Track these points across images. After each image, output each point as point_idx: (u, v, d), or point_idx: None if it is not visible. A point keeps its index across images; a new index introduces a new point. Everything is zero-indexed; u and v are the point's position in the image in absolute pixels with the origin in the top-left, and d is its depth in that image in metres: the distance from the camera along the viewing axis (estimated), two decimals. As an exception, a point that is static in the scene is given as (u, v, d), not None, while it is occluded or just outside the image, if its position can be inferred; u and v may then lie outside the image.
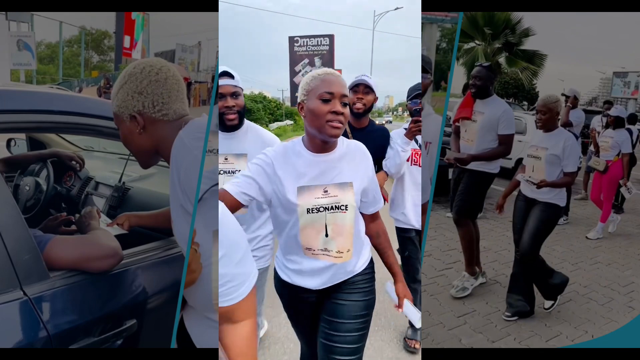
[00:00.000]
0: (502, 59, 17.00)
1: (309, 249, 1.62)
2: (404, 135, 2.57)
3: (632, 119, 6.95)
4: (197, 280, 1.28)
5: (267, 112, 23.57)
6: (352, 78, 2.58)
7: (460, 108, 3.44)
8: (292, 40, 16.12)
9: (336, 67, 16.22)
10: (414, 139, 2.63)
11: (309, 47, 16.07)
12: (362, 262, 1.74)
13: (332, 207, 1.58)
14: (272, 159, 1.58)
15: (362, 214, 1.76)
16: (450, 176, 4.07)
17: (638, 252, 4.72)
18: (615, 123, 5.27)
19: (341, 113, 1.49)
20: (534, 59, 16.83)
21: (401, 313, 1.83)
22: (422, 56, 3.06)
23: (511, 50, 16.54)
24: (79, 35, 31.22)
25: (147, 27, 24.13)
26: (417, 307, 1.82)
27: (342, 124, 1.50)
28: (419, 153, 2.77)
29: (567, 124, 5.51)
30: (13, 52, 17.85)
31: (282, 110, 24.67)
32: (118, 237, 1.59)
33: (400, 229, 2.91)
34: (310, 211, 1.57)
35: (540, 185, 2.97)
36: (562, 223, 5.40)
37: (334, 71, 1.56)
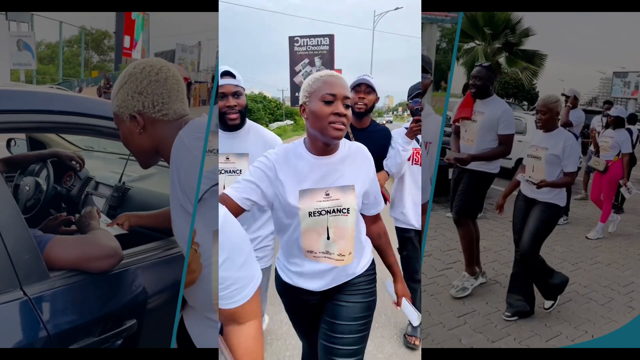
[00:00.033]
0: (502, 59, 16.99)
1: (310, 252, 1.61)
2: (405, 134, 2.57)
3: (632, 119, 6.94)
4: (197, 280, 1.28)
5: (267, 112, 23.57)
6: (353, 78, 2.58)
7: (460, 108, 3.44)
8: (292, 40, 16.08)
9: (336, 67, 16.17)
10: (415, 138, 2.63)
11: (309, 47, 16.03)
12: (363, 264, 1.74)
13: (333, 210, 1.58)
14: (274, 162, 1.57)
15: (363, 216, 1.76)
16: (450, 176, 4.07)
17: (638, 252, 4.72)
18: (615, 123, 5.27)
19: (344, 114, 1.48)
20: (534, 59, 16.82)
21: (400, 310, 1.86)
22: (422, 56, 3.06)
23: (511, 50, 16.54)
24: (79, 35, 31.23)
25: (147, 27, 24.13)
26: (415, 306, 1.85)
27: (345, 125, 1.50)
28: (420, 152, 2.77)
29: (567, 124, 5.51)
30: (13, 52, 17.85)
31: (282, 110, 24.67)
32: (118, 237, 1.59)
33: (399, 229, 2.91)
34: (312, 214, 1.56)
35: (540, 185, 2.97)
36: (562, 223, 5.40)
37: (336, 73, 1.56)
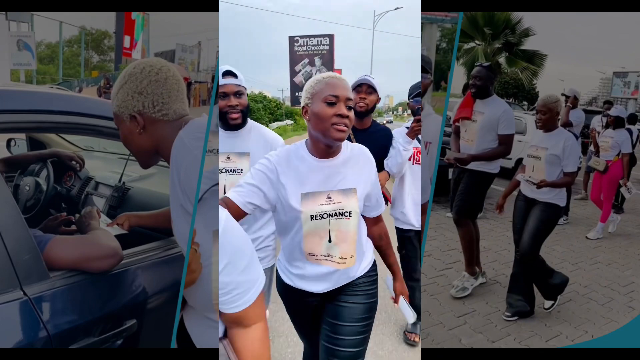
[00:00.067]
0: (502, 59, 16.98)
1: (312, 255, 1.61)
2: (406, 134, 2.57)
3: (632, 119, 6.94)
4: (197, 280, 1.28)
5: (267, 111, 23.55)
6: (353, 78, 2.58)
7: (460, 108, 3.44)
8: (292, 40, 16.06)
9: (336, 67, 16.13)
10: (416, 138, 2.63)
11: (309, 47, 16.01)
12: (365, 265, 1.74)
13: (335, 213, 1.57)
14: (276, 164, 1.56)
15: (364, 217, 1.75)
16: (450, 176, 4.07)
17: (638, 252, 4.72)
18: (615, 123, 5.27)
19: (346, 116, 1.48)
20: (534, 59, 16.82)
21: (398, 308, 1.91)
22: (422, 56, 3.06)
23: (511, 50, 16.53)
24: (79, 35, 31.22)
25: (147, 27, 24.11)
26: (414, 304, 1.87)
27: (347, 127, 1.49)
28: (421, 151, 2.77)
29: (567, 124, 5.50)
30: (13, 52, 17.82)
31: (282, 110, 24.65)
32: (118, 237, 1.59)
33: (399, 229, 2.92)
34: (314, 218, 1.55)
35: (540, 185, 2.96)
36: (562, 223, 5.40)
37: (338, 75, 1.55)
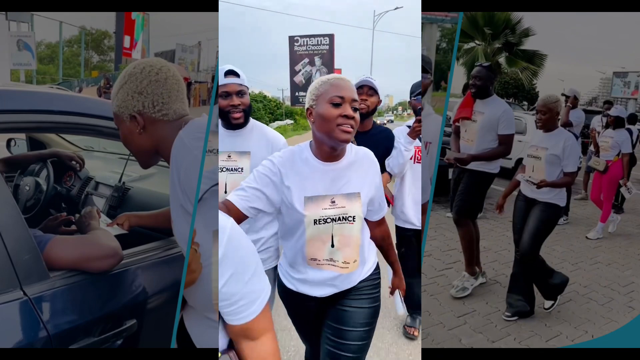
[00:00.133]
0: (502, 59, 17.00)
1: (314, 260, 1.60)
2: (407, 134, 2.56)
3: (632, 119, 6.94)
4: (197, 280, 1.28)
5: (267, 111, 23.56)
6: (353, 77, 2.57)
7: (460, 108, 3.44)
8: (292, 39, 16.07)
9: (336, 66, 16.18)
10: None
11: (309, 47, 16.02)
12: (367, 268, 1.73)
13: (339, 218, 1.56)
14: (279, 167, 1.55)
15: (367, 220, 1.74)
16: (450, 176, 4.07)
17: (638, 252, 4.72)
18: (615, 123, 5.27)
19: (352, 117, 1.47)
20: (534, 59, 16.83)
21: (392, 299, 1.98)
22: (422, 56, 3.06)
23: (511, 50, 16.54)
24: (79, 35, 31.24)
25: (147, 27, 24.12)
26: (413, 302, 1.88)
27: (353, 128, 1.47)
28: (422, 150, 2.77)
29: (567, 124, 5.51)
30: (13, 52, 17.83)
31: (282, 110, 24.65)
32: (118, 237, 1.58)
33: (399, 227, 2.92)
34: (317, 222, 1.54)
35: (540, 185, 2.96)
36: (562, 223, 5.40)
37: (343, 76, 1.55)
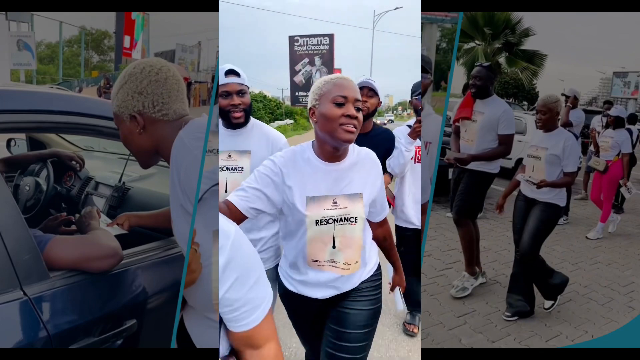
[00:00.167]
0: (502, 59, 16.99)
1: (315, 261, 1.59)
2: (408, 134, 2.56)
3: (632, 119, 6.94)
4: (197, 280, 1.28)
5: (267, 111, 23.58)
6: (353, 78, 2.57)
7: (460, 108, 3.44)
8: (292, 39, 16.10)
9: (336, 66, 16.22)
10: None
11: (309, 47, 16.05)
12: (369, 269, 1.72)
13: (341, 219, 1.55)
14: (281, 167, 1.53)
15: (369, 220, 1.73)
16: (450, 176, 4.07)
17: (638, 252, 4.72)
18: (615, 123, 5.27)
19: (355, 117, 1.46)
20: (534, 59, 16.82)
21: (391, 295, 2.00)
22: (422, 56, 3.06)
23: (511, 50, 16.54)
24: (79, 35, 31.23)
25: (147, 27, 24.12)
26: (413, 300, 1.89)
27: (356, 128, 1.47)
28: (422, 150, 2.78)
29: (567, 124, 5.51)
30: (13, 52, 17.84)
31: (282, 110, 24.67)
32: (118, 237, 1.58)
33: (399, 227, 2.92)
34: (319, 223, 1.53)
35: (540, 185, 2.96)
36: (562, 223, 5.40)
37: (346, 76, 1.54)
